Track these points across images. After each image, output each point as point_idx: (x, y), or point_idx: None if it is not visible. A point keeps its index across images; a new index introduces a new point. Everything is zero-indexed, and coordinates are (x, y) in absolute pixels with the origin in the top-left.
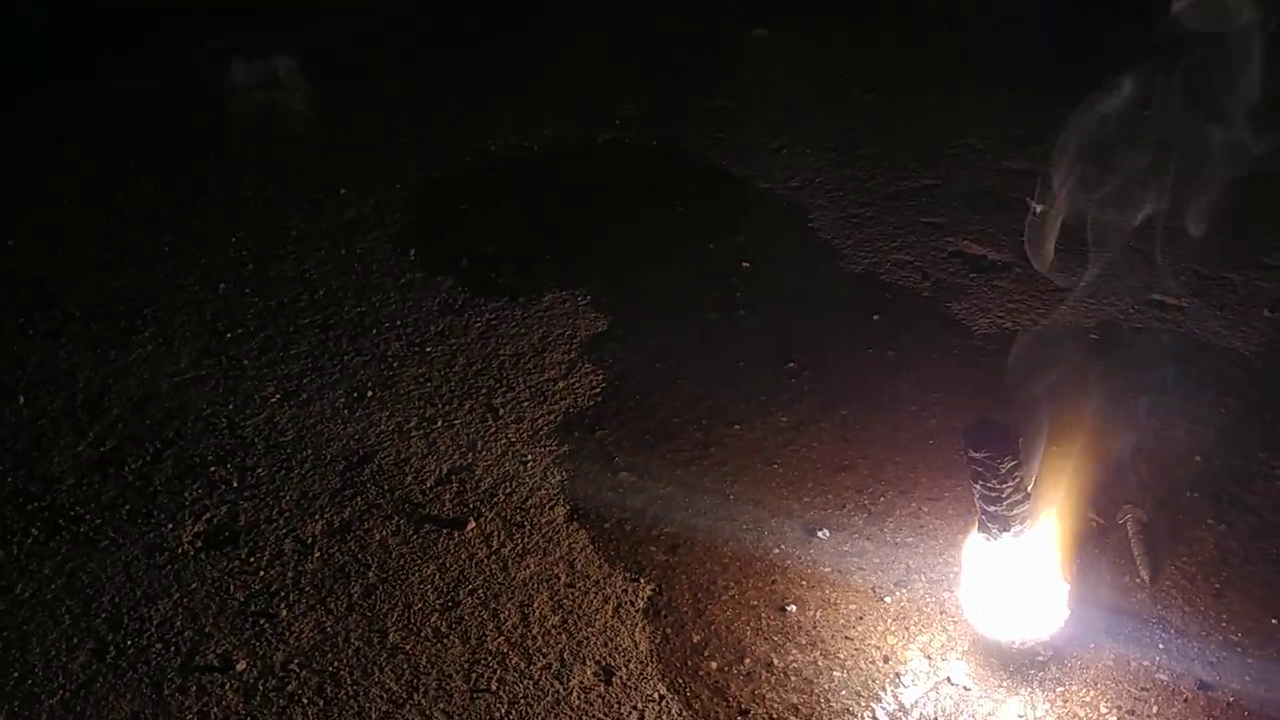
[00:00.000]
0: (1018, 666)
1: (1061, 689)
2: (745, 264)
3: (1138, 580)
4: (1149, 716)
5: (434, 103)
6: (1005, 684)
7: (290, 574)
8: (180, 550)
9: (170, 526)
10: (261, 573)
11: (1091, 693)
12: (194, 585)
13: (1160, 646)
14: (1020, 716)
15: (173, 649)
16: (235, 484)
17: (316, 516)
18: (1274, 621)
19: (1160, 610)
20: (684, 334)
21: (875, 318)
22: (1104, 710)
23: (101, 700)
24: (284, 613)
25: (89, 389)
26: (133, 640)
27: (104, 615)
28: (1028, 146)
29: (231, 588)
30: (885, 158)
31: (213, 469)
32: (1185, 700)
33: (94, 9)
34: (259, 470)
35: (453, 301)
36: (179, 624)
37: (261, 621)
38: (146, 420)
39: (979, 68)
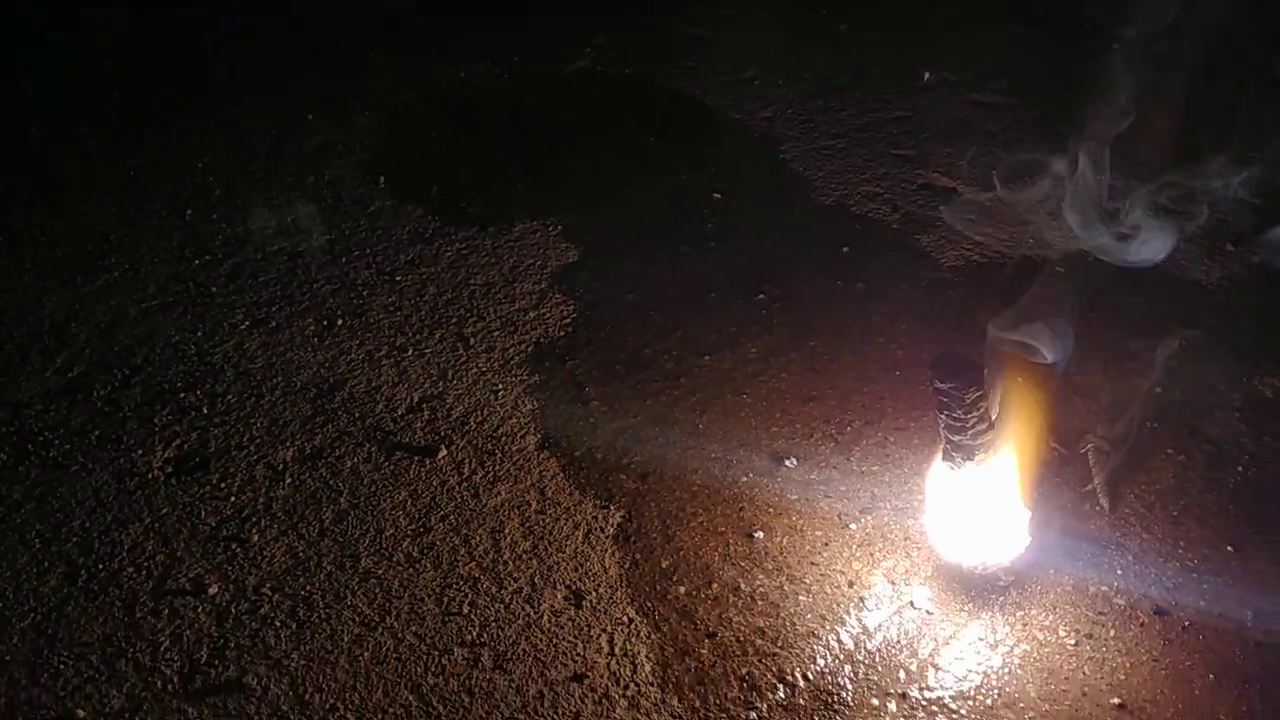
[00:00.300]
0: (979, 591)
1: (1021, 613)
2: (716, 195)
3: (1097, 508)
4: (1106, 640)
5: (403, 30)
6: (967, 608)
7: (261, 500)
8: (150, 476)
9: (140, 452)
10: (233, 498)
11: (1050, 616)
12: (165, 510)
13: (1118, 572)
14: (981, 639)
15: (144, 573)
16: (205, 410)
17: (287, 443)
18: (1229, 548)
19: (1119, 537)
20: (655, 265)
21: (845, 250)
22: (1062, 634)
23: (73, 623)
24: (256, 538)
25: (56, 315)
26: (104, 564)
27: (74, 540)
28: (997, 80)
29: (203, 513)
30: (857, 90)
31: (182, 395)
32: (1141, 624)
33: None
34: (229, 397)
35: (423, 230)
36: (150, 548)
37: (233, 546)
38: (114, 347)
39: (951, 1)
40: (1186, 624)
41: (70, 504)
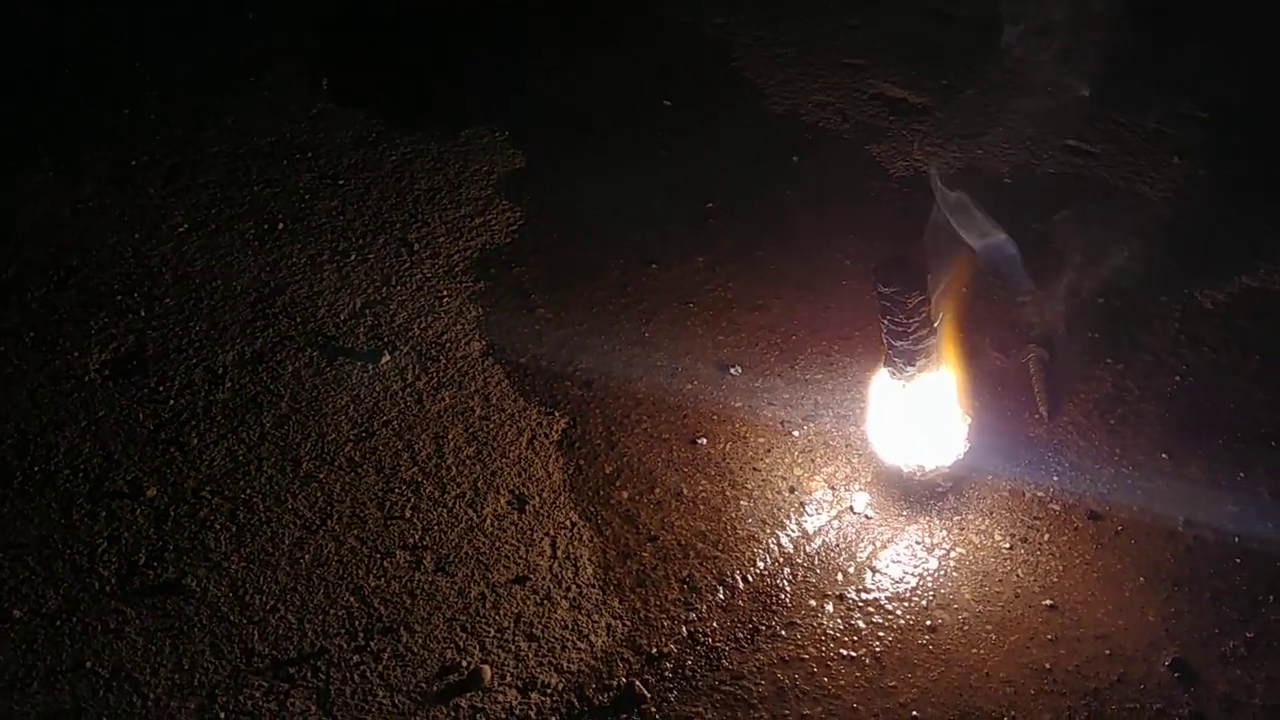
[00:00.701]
0: (918, 497)
1: (959, 517)
2: (666, 102)
3: (1037, 416)
4: (1040, 544)
5: None
6: (905, 513)
7: (201, 403)
8: (87, 378)
9: (76, 354)
10: (171, 401)
11: (987, 521)
12: (102, 413)
13: (1055, 478)
14: (918, 544)
15: (81, 475)
16: (143, 313)
17: (227, 347)
18: (1164, 455)
19: (1057, 444)
20: (604, 173)
21: (794, 159)
22: (998, 538)
23: (9, 524)
24: (195, 441)
25: None
26: (40, 466)
27: (9, 441)
28: None
29: (141, 415)
30: None
31: (119, 298)
32: (1076, 529)
33: None
34: (167, 300)
35: (366, 134)
36: (87, 450)
37: (172, 449)
38: (49, 248)
39: None
40: (1119, 529)
41: (5, 406)
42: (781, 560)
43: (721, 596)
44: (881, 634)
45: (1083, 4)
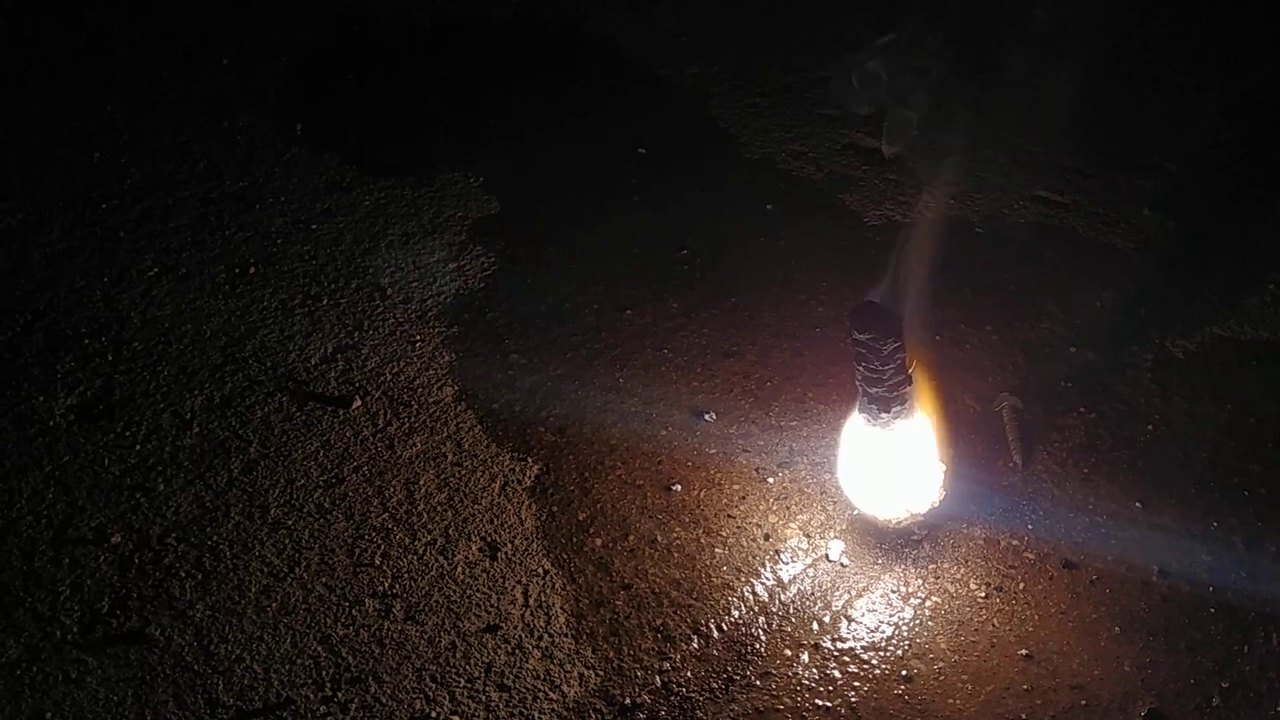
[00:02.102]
0: (893, 544)
1: (934, 565)
2: (641, 150)
3: (1011, 465)
4: (1016, 592)
5: None
6: (881, 561)
7: (168, 448)
8: (52, 423)
9: (41, 399)
10: (138, 446)
11: (962, 569)
12: (66, 458)
13: (1029, 527)
14: (893, 592)
15: (44, 521)
16: (110, 357)
17: (196, 391)
18: (1137, 505)
19: (1031, 493)
20: (578, 219)
21: (768, 207)
22: (973, 586)
23: None
24: (161, 487)
25: None
26: (2, 513)
27: None
28: (926, 40)
29: (106, 461)
30: (784, 48)
31: (87, 341)
32: (1051, 578)
33: None
34: (135, 344)
35: (340, 178)
36: (50, 496)
37: (137, 495)
38: (16, 291)
39: None
40: (1094, 578)
41: None
42: (757, 609)
43: (696, 646)
44: (857, 684)
45: (1054, 58)
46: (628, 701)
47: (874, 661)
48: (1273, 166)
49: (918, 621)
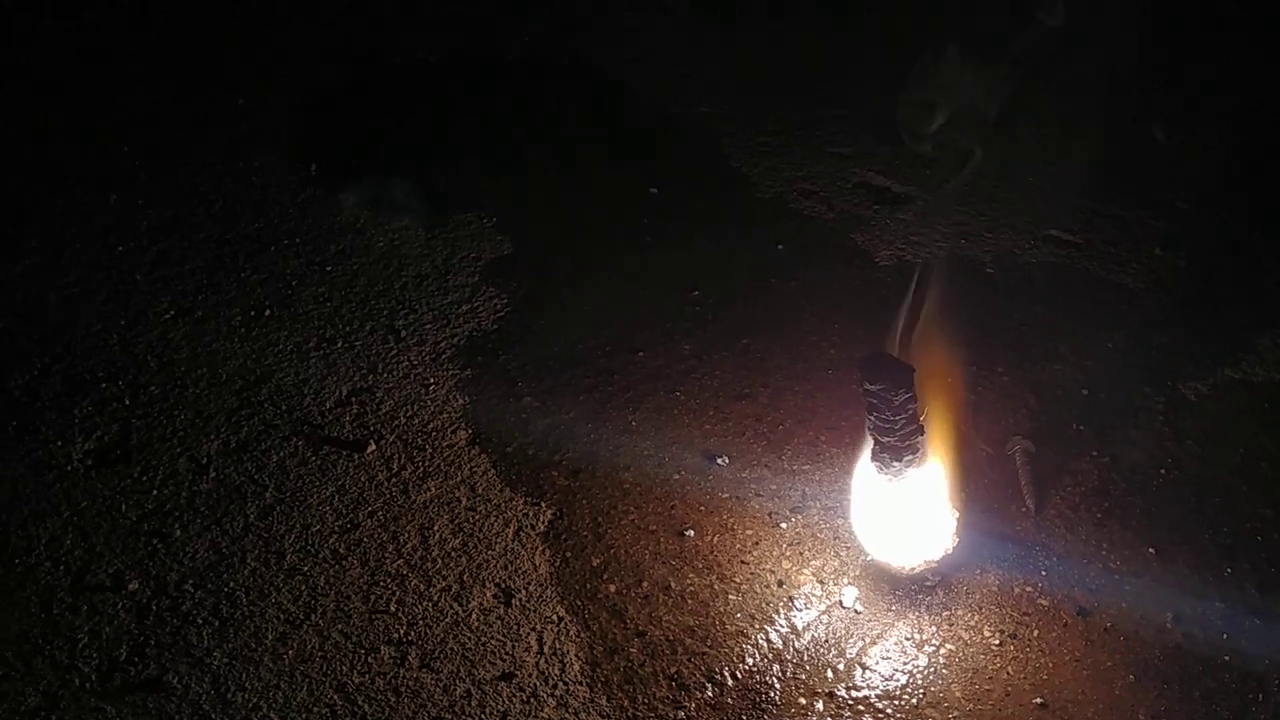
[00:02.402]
0: (907, 591)
1: (948, 613)
2: (653, 190)
3: (1023, 509)
4: (1030, 640)
5: (336, 16)
6: (894, 608)
7: (184, 494)
8: (70, 468)
9: (59, 443)
10: (155, 491)
11: (976, 616)
12: (84, 503)
13: (1043, 573)
14: (908, 639)
15: (62, 568)
16: (127, 401)
17: (212, 436)
18: (1151, 551)
19: (1044, 538)
20: (590, 259)
21: (780, 247)
22: (987, 633)
23: None
24: (178, 532)
25: None
26: (20, 559)
27: None
28: (933, 80)
29: (124, 506)
30: (795, 86)
31: (103, 385)
32: (1065, 625)
33: None
34: (152, 388)
35: (354, 220)
36: (69, 542)
37: (155, 541)
38: (33, 334)
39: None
40: (1108, 625)
41: None
42: (771, 656)
43: (710, 694)
44: None
45: (1065, 97)
46: None
47: (889, 710)
48: None
49: (932, 669)
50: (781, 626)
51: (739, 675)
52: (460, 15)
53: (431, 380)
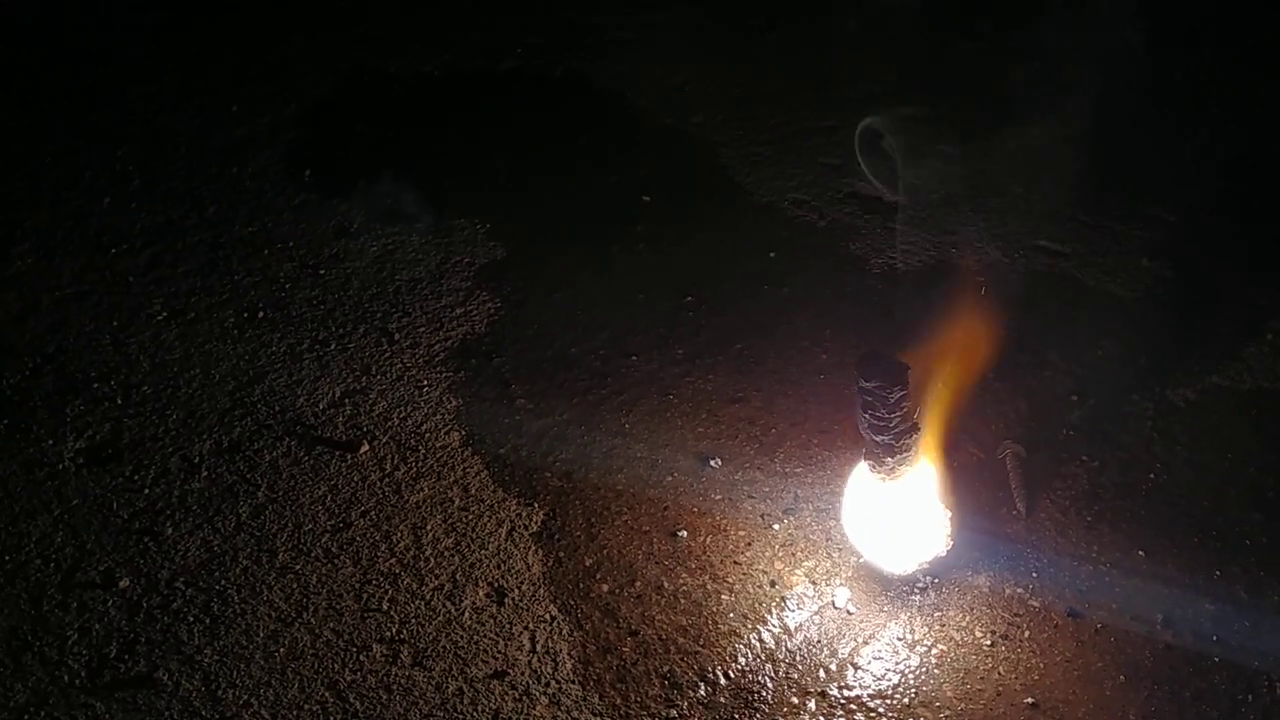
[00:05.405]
0: (898, 592)
1: (939, 613)
2: (646, 198)
3: (1014, 512)
4: (1021, 641)
5: (331, 23)
6: (886, 608)
7: (176, 492)
8: (61, 466)
9: (50, 442)
10: (146, 490)
11: (967, 617)
12: (75, 501)
13: (1034, 575)
14: (899, 639)
15: (52, 565)
16: (119, 401)
17: (204, 435)
18: (1140, 553)
19: (1035, 541)
20: (584, 265)
21: (772, 255)
22: (979, 634)
23: None
24: (169, 531)
25: None
26: (10, 556)
27: None
28: (924, 90)
29: (115, 505)
30: (786, 97)
31: (95, 385)
32: (1055, 626)
33: None
34: (144, 388)
35: (348, 225)
36: (59, 540)
37: (146, 539)
38: (26, 335)
39: (878, 11)
40: (1099, 626)
41: None
42: (763, 656)
43: (703, 693)
44: None
45: (1055, 110)
46: None
47: (880, 709)
48: (1270, 216)
49: (924, 669)
50: (774, 626)
51: (732, 674)
52: (455, 26)
53: (425, 382)
